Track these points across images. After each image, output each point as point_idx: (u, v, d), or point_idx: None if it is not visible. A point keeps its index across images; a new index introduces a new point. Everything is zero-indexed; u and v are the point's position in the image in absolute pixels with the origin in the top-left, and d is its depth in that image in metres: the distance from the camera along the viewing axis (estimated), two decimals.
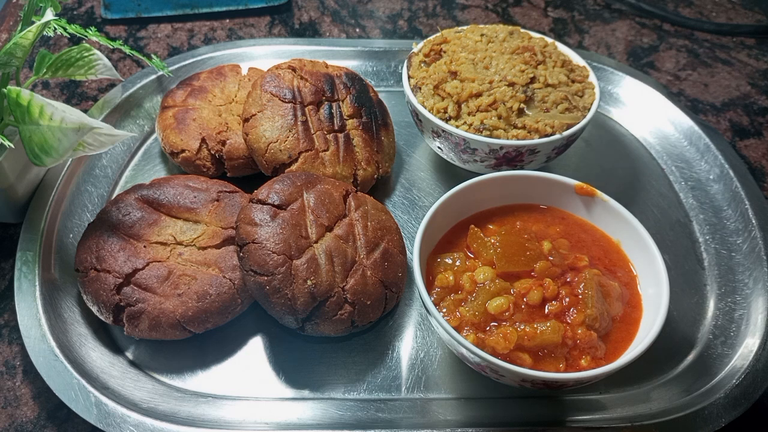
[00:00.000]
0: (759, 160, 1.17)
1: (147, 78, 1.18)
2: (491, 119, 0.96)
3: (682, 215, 1.05)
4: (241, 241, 0.84)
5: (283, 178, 0.90)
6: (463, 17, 1.47)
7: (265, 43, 1.28)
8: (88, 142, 0.87)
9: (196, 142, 1.03)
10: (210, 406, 0.82)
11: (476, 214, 0.91)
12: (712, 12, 1.50)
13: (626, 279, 0.84)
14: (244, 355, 0.87)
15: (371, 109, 1.06)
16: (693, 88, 1.30)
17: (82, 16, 1.45)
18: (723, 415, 0.80)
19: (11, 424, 0.82)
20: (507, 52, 1.02)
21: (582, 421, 0.81)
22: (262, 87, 1.02)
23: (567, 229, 0.89)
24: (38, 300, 0.88)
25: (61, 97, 1.25)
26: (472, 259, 0.84)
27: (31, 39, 0.84)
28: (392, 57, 1.27)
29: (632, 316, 0.80)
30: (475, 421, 0.81)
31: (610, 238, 0.87)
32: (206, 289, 0.85)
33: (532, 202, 0.92)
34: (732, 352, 0.87)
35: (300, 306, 0.80)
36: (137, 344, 0.88)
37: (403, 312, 0.92)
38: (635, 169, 1.12)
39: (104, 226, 0.90)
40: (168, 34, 1.41)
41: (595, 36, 1.43)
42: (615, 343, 0.78)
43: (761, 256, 0.95)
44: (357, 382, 0.85)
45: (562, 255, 0.82)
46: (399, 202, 1.07)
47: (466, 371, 0.85)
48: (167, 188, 0.94)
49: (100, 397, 0.79)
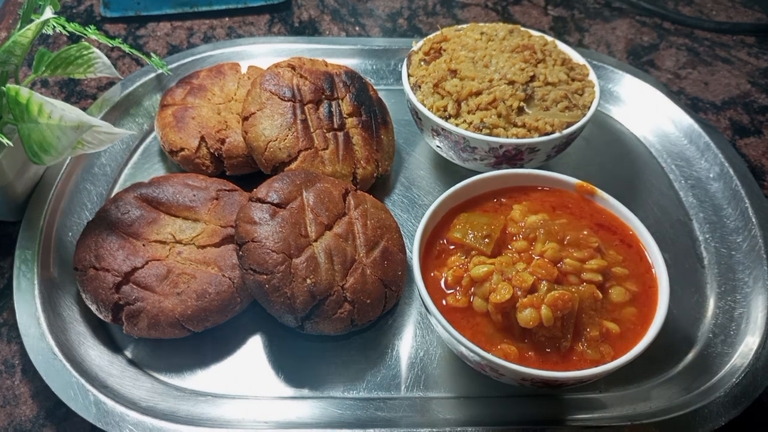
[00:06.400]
0: (759, 159, 1.16)
1: (146, 76, 1.18)
2: (491, 118, 0.96)
3: (682, 214, 1.05)
4: (240, 240, 0.83)
5: (282, 176, 0.89)
6: (463, 15, 1.47)
7: (264, 42, 1.28)
8: (87, 140, 0.87)
9: (195, 140, 1.03)
10: (209, 405, 0.82)
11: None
12: (712, 10, 1.50)
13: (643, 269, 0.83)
14: (243, 354, 0.87)
15: (371, 108, 1.06)
16: (693, 87, 1.30)
17: (82, 14, 1.45)
18: (723, 414, 0.79)
19: (10, 422, 0.82)
20: (507, 51, 1.01)
21: (582, 419, 0.81)
22: (261, 85, 1.02)
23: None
24: (37, 298, 0.88)
25: (60, 96, 1.25)
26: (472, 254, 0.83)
27: (30, 37, 0.84)
28: (392, 55, 1.27)
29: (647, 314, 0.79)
30: (474, 420, 0.81)
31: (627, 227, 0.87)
32: (205, 288, 0.84)
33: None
34: (732, 350, 0.87)
35: (299, 305, 0.80)
36: (136, 343, 0.88)
37: (403, 311, 0.92)
38: (635, 167, 1.12)
39: (103, 224, 0.89)
40: (167, 32, 1.40)
41: (595, 34, 1.43)
42: (624, 341, 0.77)
43: (761, 255, 0.95)
44: (356, 380, 0.85)
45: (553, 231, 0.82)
46: (398, 200, 1.06)
47: (466, 370, 0.85)
48: (166, 187, 0.94)
49: (99, 396, 0.79)
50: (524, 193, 0.90)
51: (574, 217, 0.87)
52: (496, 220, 0.84)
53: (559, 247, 0.79)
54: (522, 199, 0.90)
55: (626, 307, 0.78)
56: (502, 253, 0.81)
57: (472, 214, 0.86)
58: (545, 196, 0.90)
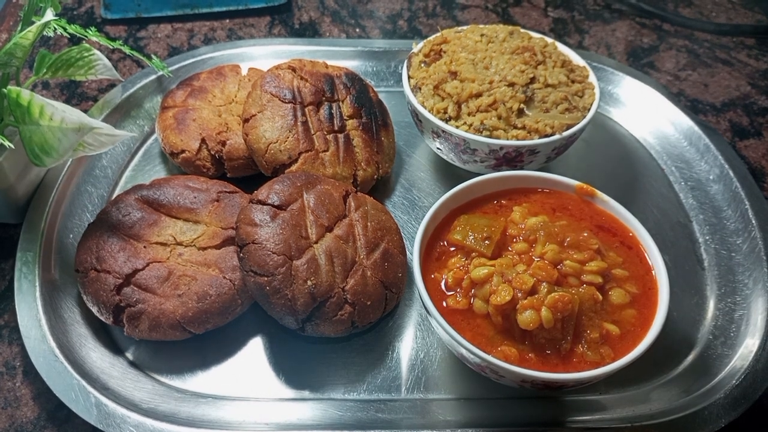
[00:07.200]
0: (759, 161, 1.17)
1: (147, 78, 1.18)
2: (491, 119, 0.96)
3: (682, 216, 1.05)
4: (241, 242, 0.84)
5: (282, 178, 0.90)
6: (463, 17, 1.47)
7: (265, 44, 1.28)
8: (88, 142, 0.87)
9: (196, 142, 1.03)
10: (210, 407, 0.82)
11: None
12: (712, 12, 1.50)
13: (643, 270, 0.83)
14: (244, 356, 0.87)
15: (371, 110, 1.06)
16: (693, 89, 1.30)
17: (82, 16, 1.45)
18: (723, 416, 0.80)
19: (11, 424, 0.82)
20: (507, 53, 1.02)
21: (582, 421, 0.81)
22: (262, 87, 1.02)
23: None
24: (38, 300, 0.88)
25: (61, 98, 1.25)
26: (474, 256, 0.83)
27: (31, 39, 0.84)
28: (392, 57, 1.27)
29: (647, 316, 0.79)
30: (475, 422, 0.81)
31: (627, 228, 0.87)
32: (206, 290, 0.85)
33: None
34: (732, 352, 0.87)
35: (300, 306, 0.80)
36: (137, 345, 0.88)
37: (403, 312, 0.92)
38: (635, 169, 1.12)
39: (104, 226, 0.90)
40: (168, 34, 1.41)
41: (595, 36, 1.43)
42: (624, 343, 0.77)
43: (761, 257, 0.95)
44: (357, 382, 0.85)
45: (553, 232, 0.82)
46: (399, 202, 1.07)
47: (466, 372, 0.85)
48: (167, 189, 0.94)
49: (100, 398, 0.79)
50: (524, 195, 0.91)
51: (574, 219, 0.87)
52: (497, 222, 0.84)
53: (559, 248, 0.79)
54: (522, 200, 0.90)
55: (626, 309, 0.78)
56: (503, 255, 0.81)
57: (472, 215, 0.86)
58: (545, 198, 0.90)
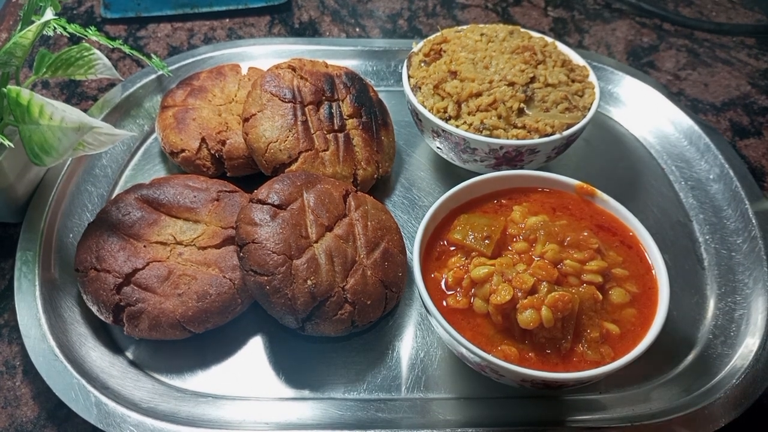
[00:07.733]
0: (759, 160, 1.17)
1: (147, 77, 1.18)
2: (491, 119, 0.96)
3: (682, 215, 1.05)
4: (241, 241, 0.84)
5: (282, 177, 0.89)
6: (463, 17, 1.47)
7: (264, 43, 1.28)
8: (88, 141, 0.87)
9: (195, 141, 1.03)
10: (210, 406, 0.82)
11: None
12: (712, 11, 1.50)
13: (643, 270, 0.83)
14: (244, 355, 0.87)
15: (371, 109, 1.06)
16: (693, 88, 1.30)
17: (82, 15, 1.45)
18: (723, 415, 0.80)
19: (11, 423, 0.82)
20: (507, 52, 1.02)
21: (582, 421, 0.81)
22: (262, 87, 1.02)
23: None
24: (38, 300, 0.88)
25: (61, 97, 1.25)
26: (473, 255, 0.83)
27: (30, 38, 0.84)
28: (392, 56, 1.27)
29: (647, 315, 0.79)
30: (475, 421, 0.81)
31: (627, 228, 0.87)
32: (206, 289, 0.85)
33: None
34: (732, 352, 0.87)
35: (300, 306, 0.80)
36: (137, 344, 0.88)
37: (403, 312, 0.92)
38: (635, 168, 1.12)
39: (104, 225, 0.90)
40: (168, 33, 1.41)
41: (595, 35, 1.43)
42: (624, 342, 0.77)
43: (761, 256, 0.95)
44: (357, 382, 0.85)
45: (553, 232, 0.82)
46: (399, 201, 1.07)
47: (466, 371, 0.85)
48: (167, 188, 0.94)
49: (100, 397, 0.79)
50: (524, 195, 0.91)
51: (574, 219, 0.87)
52: (497, 222, 0.84)
53: (559, 248, 0.79)
54: (522, 200, 0.90)
55: (626, 309, 0.78)
56: (503, 255, 0.81)
57: (472, 215, 0.86)
58: (545, 198, 0.90)
